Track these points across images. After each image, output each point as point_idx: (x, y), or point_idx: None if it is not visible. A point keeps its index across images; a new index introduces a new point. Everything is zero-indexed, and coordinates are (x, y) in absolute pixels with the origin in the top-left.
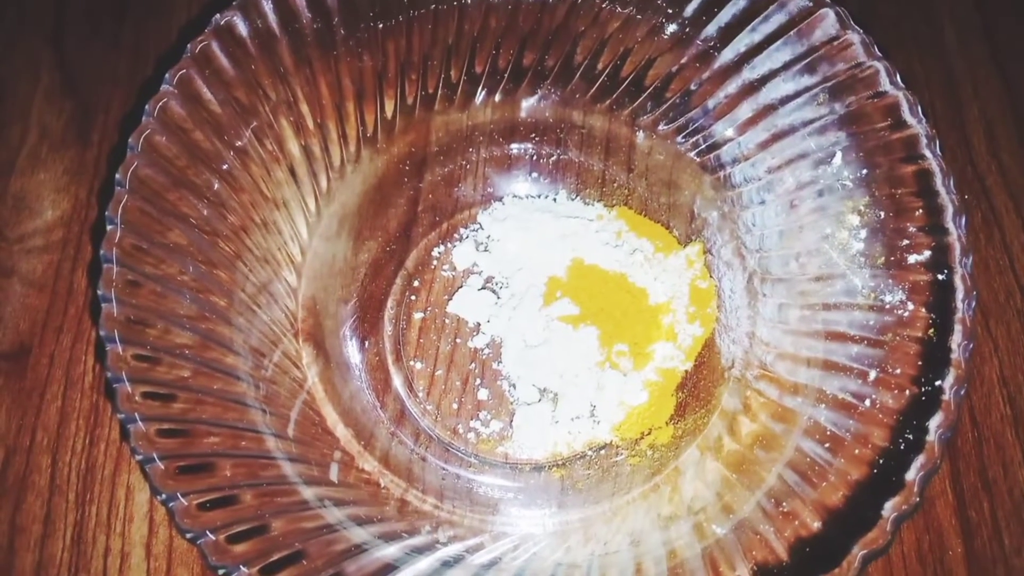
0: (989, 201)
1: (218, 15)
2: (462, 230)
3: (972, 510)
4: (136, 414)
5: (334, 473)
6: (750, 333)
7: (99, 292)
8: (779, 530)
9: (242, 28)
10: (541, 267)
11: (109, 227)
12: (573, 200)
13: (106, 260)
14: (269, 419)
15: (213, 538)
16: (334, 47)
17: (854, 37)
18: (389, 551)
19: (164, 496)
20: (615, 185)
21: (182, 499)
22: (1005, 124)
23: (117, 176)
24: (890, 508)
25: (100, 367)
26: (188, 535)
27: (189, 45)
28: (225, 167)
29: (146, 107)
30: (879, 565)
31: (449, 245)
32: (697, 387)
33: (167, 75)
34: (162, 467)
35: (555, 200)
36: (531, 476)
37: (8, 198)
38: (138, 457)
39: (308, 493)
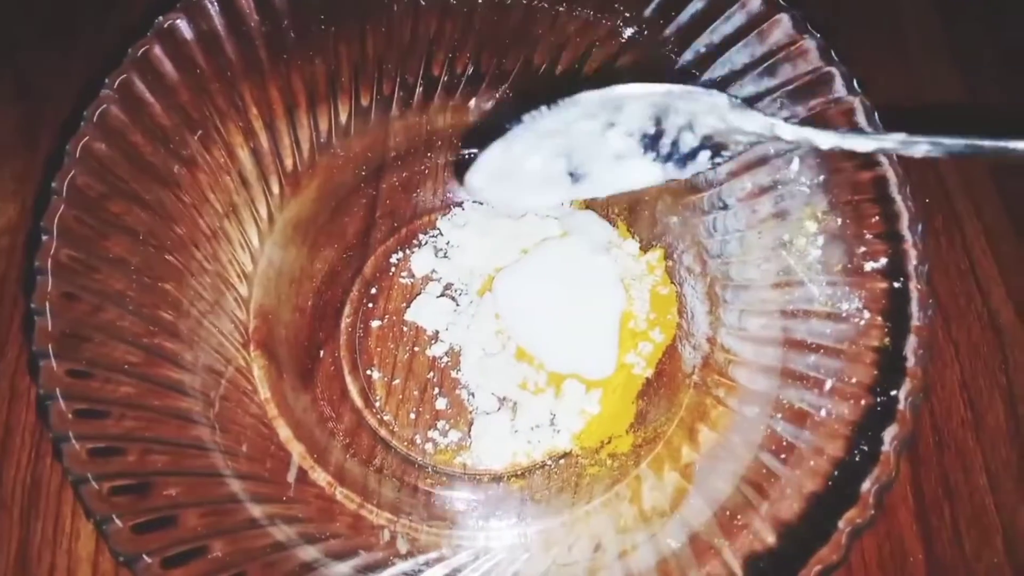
0: (951, 204)
1: (160, 17)
2: (421, 236)
3: (933, 516)
4: (69, 432)
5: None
6: (711, 339)
7: (32, 306)
8: (733, 543)
9: (186, 31)
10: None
11: (44, 238)
12: None
13: (40, 272)
14: (219, 435)
15: (148, 561)
16: (284, 50)
17: (810, 42)
18: (339, 569)
19: (98, 518)
20: None
21: (116, 521)
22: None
23: (53, 185)
24: (845, 521)
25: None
26: (121, 559)
27: (130, 49)
28: (170, 175)
29: (84, 113)
30: (838, 573)
31: (408, 251)
32: (658, 394)
33: (107, 80)
34: (96, 487)
35: None
36: (490, 487)
37: None
38: (71, 478)
39: (257, 511)
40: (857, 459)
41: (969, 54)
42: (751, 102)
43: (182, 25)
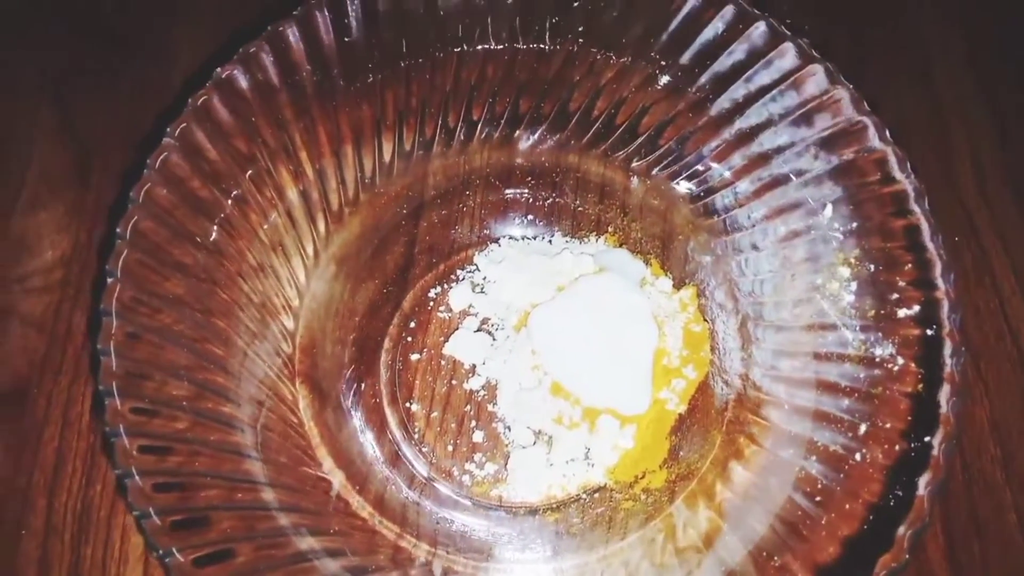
0: (979, 241)
1: (219, 68)
2: (459, 272)
3: (963, 553)
4: (133, 468)
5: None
6: (743, 376)
7: (98, 346)
8: None
9: (243, 81)
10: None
11: (109, 280)
12: (569, 242)
13: (106, 314)
14: (265, 468)
15: None
16: (333, 97)
17: (842, 93)
18: None
19: (160, 552)
20: (610, 228)
21: (178, 555)
22: (994, 164)
23: (117, 229)
24: (880, 565)
25: (97, 419)
26: None
27: (190, 99)
28: (223, 215)
29: (147, 160)
30: None
31: (446, 287)
32: (691, 431)
33: (168, 128)
34: (158, 522)
35: (551, 242)
36: (525, 520)
37: (9, 238)
38: (135, 512)
39: (302, 544)
40: (892, 504)
41: (997, 88)
42: (784, 150)
43: (239, 75)
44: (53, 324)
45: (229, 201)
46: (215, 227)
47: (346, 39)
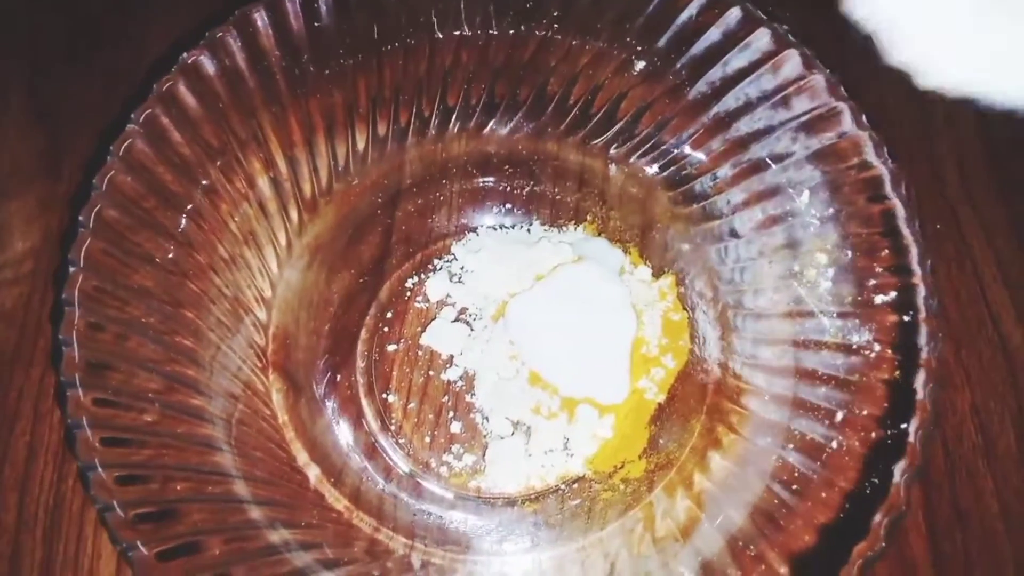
0: (960, 230)
1: (185, 54)
2: (436, 261)
3: (945, 542)
4: (96, 460)
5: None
6: (723, 364)
7: (60, 336)
8: (746, 575)
9: (209, 67)
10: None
11: (71, 269)
12: (547, 230)
13: (67, 303)
14: (237, 460)
15: None
16: (304, 83)
17: (818, 78)
18: None
19: (124, 545)
20: (588, 217)
21: (142, 548)
22: (976, 153)
23: (80, 217)
24: (856, 554)
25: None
26: None
27: (155, 84)
28: (192, 206)
29: (111, 147)
30: None
31: (423, 276)
32: (670, 420)
33: (133, 115)
34: (121, 515)
35: (529, 231)
36: (504, 511)
37: None
38: (97, 505)
39: (275, 537)
40: (868, 491)
41: None
42: (762, 134)
43: (205, 61)
44: (23, 316)
45: (198, 191)
46: (184, 217)
47: (316, 24)
